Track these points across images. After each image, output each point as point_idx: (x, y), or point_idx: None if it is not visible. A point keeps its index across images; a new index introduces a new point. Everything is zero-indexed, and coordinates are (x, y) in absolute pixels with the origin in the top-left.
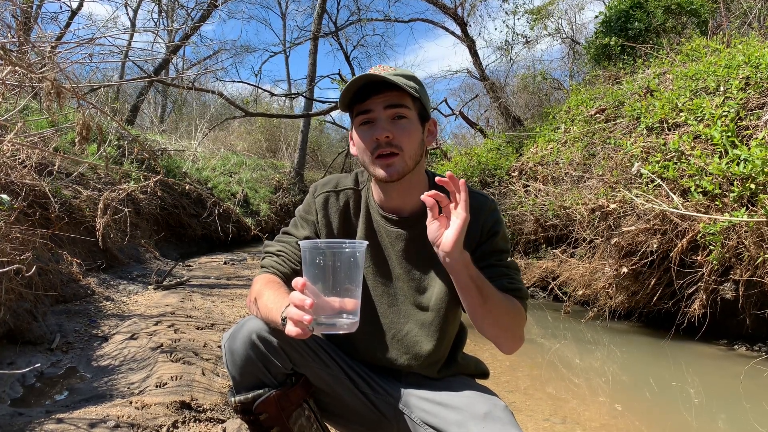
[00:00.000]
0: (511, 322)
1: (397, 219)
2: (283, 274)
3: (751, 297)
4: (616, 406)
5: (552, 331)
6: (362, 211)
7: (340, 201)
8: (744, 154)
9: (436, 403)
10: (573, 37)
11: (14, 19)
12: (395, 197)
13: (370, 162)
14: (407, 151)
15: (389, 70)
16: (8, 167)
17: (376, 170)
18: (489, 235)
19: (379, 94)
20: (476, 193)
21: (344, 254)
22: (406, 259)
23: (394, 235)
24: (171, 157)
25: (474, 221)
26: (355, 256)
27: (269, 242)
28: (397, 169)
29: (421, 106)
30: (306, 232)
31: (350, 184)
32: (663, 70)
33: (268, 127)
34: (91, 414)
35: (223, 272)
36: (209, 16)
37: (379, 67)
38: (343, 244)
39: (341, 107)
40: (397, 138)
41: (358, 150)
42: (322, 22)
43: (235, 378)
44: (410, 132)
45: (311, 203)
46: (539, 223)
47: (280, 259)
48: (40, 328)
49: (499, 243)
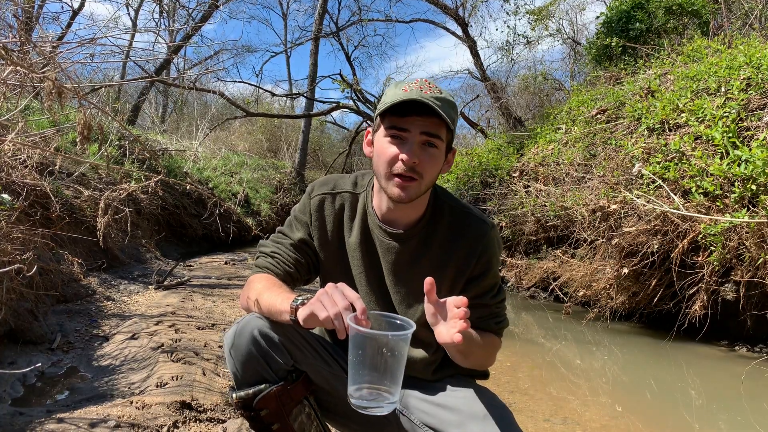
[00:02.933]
0: (486, 360)
1: (393, 231)
2: (276, 276)
3: (752, 298)
4: (616, 407)
5: (553, 331)
6: (358, 216)
7: (335, 204)
8: (745, 154)
9: (434, 404)
10: (574, 38)
11: (16, 19)
12: (396, 210)
13: (386, 176)
14: (426, 179)
15: (434, 90)
16: (9, 167)
17: (390, 187)
18: (483, 269)
19: (420, 115)
20: (474, 217)
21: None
22: (395, 272)
23: (386, 246)
24: (172, 157)
25: (470, 251)
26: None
27: (264, 242)
28: (411, 195)
29: (452, 137)
30: (300, 234)
31: (348, 187)
32: (664, 71)
33: (269, 127)
34: (91, 414)
35: (224, 272)
36: (210, 16)
37: (425, 82)
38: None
39: (378, 111)
40: (422, 166)
41: (378, 157)
42: (324, 23)
43: (236, 374)
44: (435, 162)
45: (306, 204)
46: (540, 223)
47: (274, 261)
48: (41, 327)
49: (491, 279)
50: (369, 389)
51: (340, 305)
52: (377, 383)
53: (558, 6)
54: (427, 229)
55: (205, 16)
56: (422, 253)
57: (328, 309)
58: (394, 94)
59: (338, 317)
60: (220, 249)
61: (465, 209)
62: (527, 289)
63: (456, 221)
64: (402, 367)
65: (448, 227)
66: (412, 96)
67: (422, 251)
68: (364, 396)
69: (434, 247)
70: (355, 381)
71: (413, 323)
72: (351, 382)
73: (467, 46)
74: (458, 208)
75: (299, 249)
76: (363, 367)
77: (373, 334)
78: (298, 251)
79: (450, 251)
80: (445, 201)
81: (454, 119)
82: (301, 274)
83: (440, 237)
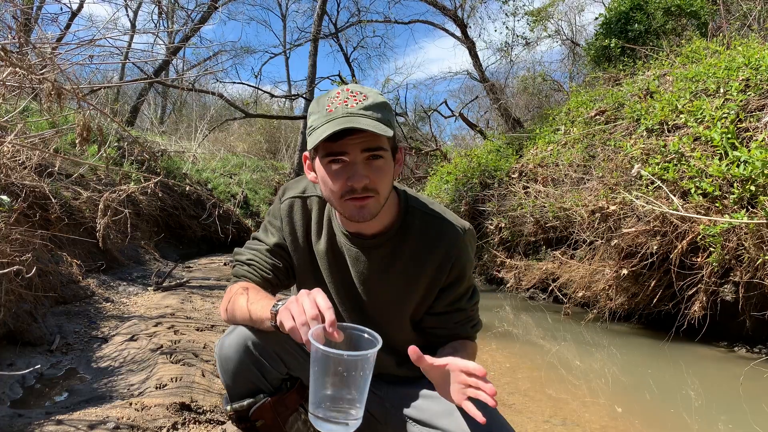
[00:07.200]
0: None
1: (358, 239)
2: (255, 284)
3: (751, 299)
4: (616, 408)
5: (552, 332)
6: (325, 222)
7: (305, 208)
8: (744, 155)
9: (420, 397)
10: (573, 39)
11: (15, 20)
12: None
13: (339, 202)
14: (383, 192)
15: (359, 98)
16: (8, 168)
17: (347, 210)
18: (456, 275)
19: (354, 134)
20: (447, 223)
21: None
22: (365, 282)
23: (354, 255)
24: (171, 158)
25: (443, 260)
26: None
27: (239, 249)
28: (372, 211)
29: (393, 137)
30: (275, 239)
31: (318, 191)
32: (663, 72)
33: (268, 128)
34: (90, 415)
35: (223, 273)
36: (209, 17)
37: (347, 92)
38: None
39: (309, 145)
40: (374, 182)
41: (324, 186)
42: (322, 24)
43: (229, 385)
44: (386, 173)
45: (277, 209)
46: (539, 224)
47: (251, 269)
48: (39, 329)
49: (466, 283)
50: (328, 407)
51: (308, 315)
52: (337, 401)
53: (557, 7)
54: (396, 237)
55: (204, 18)
56: (391, 263)
57: (295, 318)
58: (319, 116)
59: (303, 327)
60: (219, 250)
61: (436, 214)
62: (526, 290)
63: (427, 228)
64: (365, 385)
65: (420, 234)
66: (339, 116)
67: (392, 261)
68: (324, 414)
69: (405, 257)
70: (315, 398)
71: (380, 339)
72: (311, 398)
73: (466, 48)
74: (429, 214)
75: (275, 254)
76: (323, 384)
77: (328, 352)
78: (274, 256)
79: (422, 261)
80: (416, 207)
81: (390, 120)
82: (280, 280)
83: (411, 246)
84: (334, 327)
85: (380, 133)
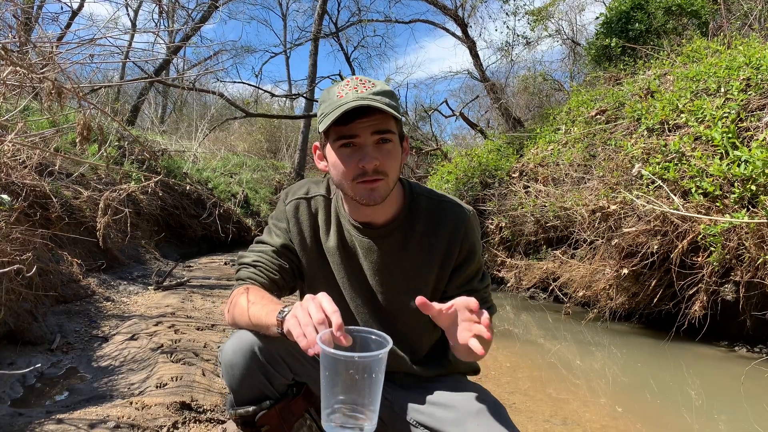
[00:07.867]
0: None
1: (369, 230)
2: (261, 285)
3: (752, 298)
4: (616, 408)
5: (552, 332)
6: (333, 219)
7: (310, 208)
8: (745, 155)
9: (429, 403)
10: (573, 39)
11: (15, 19)
12: (369, 211)
13: (350, 185)
14: (391, 175)
15: (368, 85)
16: (9, 167)
17: (359, 193)
18: (467, 255)
19: (365, 117)
20: (452, 204)
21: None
22: (379, 271)
23: (366, 246)
24: (171, 157)
25: (451, 239)
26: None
27: (243, 252)
28: (382, 194)
29: (401, 125)
30: (281, 240)
31: (322, 191)
32: (664, 72)
33: (268, 127)
34: (91, 414)
35: (224, 273)
36: (210, 16)
37: (356, 80)
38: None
39: (321, 129)
40: (384, 164)
41: (335, 170)
42: (323, 23)
43: (235, 390)
44: (395, 156)
45: (282, 210)
46: (540, 224)
47: (257, 270)
48: (40, 328)
49: (476, 265)
50: (342, 413)
51: (314, 319)
52: (350, 406)
53: (557, 7)
54: (405, 223)
55: (205, 17)
56: (404, 248)
57: (302, 325)
58: (330, 103)
59: (310, 332)
60: (219, 249)
61: (442, 197)
62: (527, 290)
63: (434, 209)
64: (378, 388)
65: (427, 217)
66: (349, 101)
67: (404, 246)
68: (337, 420)
69: (416, 240)
70: (327, 404)
71: (389, 340)
72: (323, 404)
73: (467, 47)
74: (434, 197)
75: (282, 255)
76: (334, 389)
77: (338, 355)
78: (281, 257)
79: (432, 242)
80: (420, 193)
81: (397, 107)
82: (286, 281)
83: (420, 229)
84: (341, 330)
85: (390, 112)
